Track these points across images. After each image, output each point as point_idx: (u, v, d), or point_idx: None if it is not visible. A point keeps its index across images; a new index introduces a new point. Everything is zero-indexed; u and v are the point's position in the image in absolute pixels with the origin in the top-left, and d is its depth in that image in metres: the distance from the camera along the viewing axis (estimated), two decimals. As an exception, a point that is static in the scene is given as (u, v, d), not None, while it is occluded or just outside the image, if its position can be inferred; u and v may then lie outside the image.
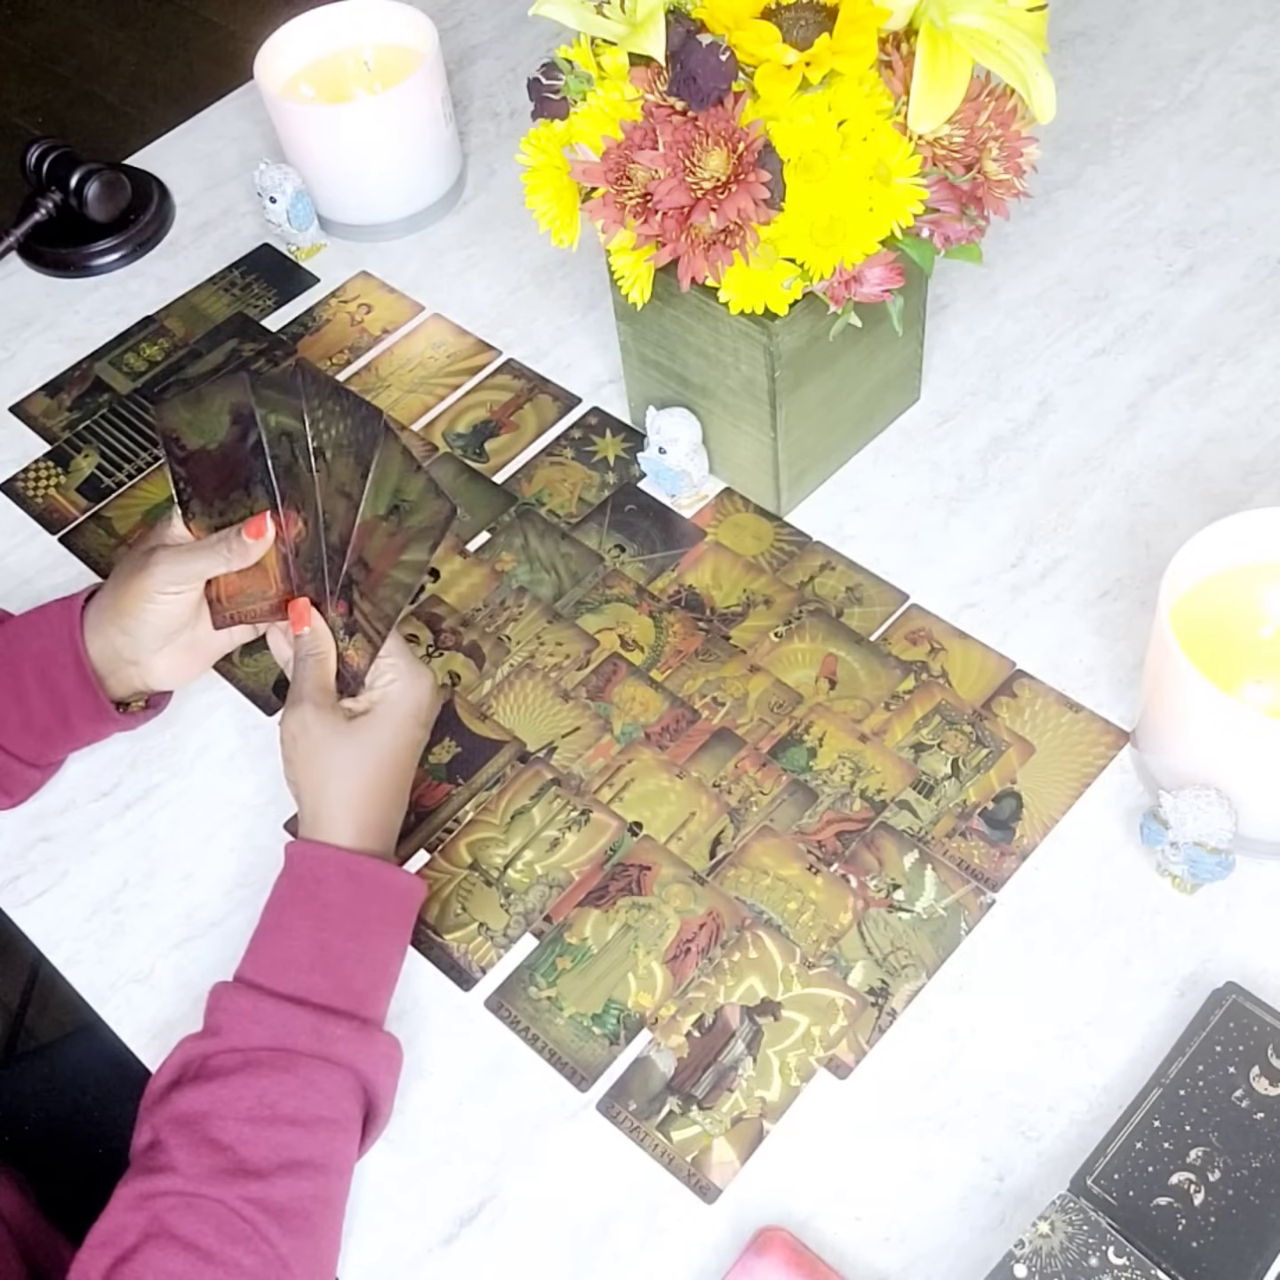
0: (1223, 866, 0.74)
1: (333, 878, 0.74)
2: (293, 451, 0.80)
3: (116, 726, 0.84)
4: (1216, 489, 0.93)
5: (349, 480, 0.78)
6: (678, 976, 0.77)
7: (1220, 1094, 0.69)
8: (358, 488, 0.78)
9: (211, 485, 0.82)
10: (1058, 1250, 0.65)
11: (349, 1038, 0.70)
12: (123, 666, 0.82)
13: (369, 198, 1.12)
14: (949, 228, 0.79)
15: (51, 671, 0.81)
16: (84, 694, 0.81)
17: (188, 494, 0.82)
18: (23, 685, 0.81)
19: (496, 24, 1.30)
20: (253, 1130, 0.67)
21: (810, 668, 0.88)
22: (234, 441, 0.81)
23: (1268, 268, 1.04)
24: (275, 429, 0.80)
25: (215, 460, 0.82)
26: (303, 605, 0.80)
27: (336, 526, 0.79)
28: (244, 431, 0.81)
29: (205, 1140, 0.66)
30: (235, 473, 0.81)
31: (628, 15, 0.77)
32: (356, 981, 0.72)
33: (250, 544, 0.80)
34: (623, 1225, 0.71)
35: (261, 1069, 0.68)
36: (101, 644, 0.81)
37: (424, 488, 0.76)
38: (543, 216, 0.82)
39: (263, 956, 0.73)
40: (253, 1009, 0.70)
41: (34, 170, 1.14)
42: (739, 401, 0.89)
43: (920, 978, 0.76)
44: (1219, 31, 1.19)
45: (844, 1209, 0.71)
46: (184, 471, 0.82)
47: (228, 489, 0.82)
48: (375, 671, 0.78)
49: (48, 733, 0.83)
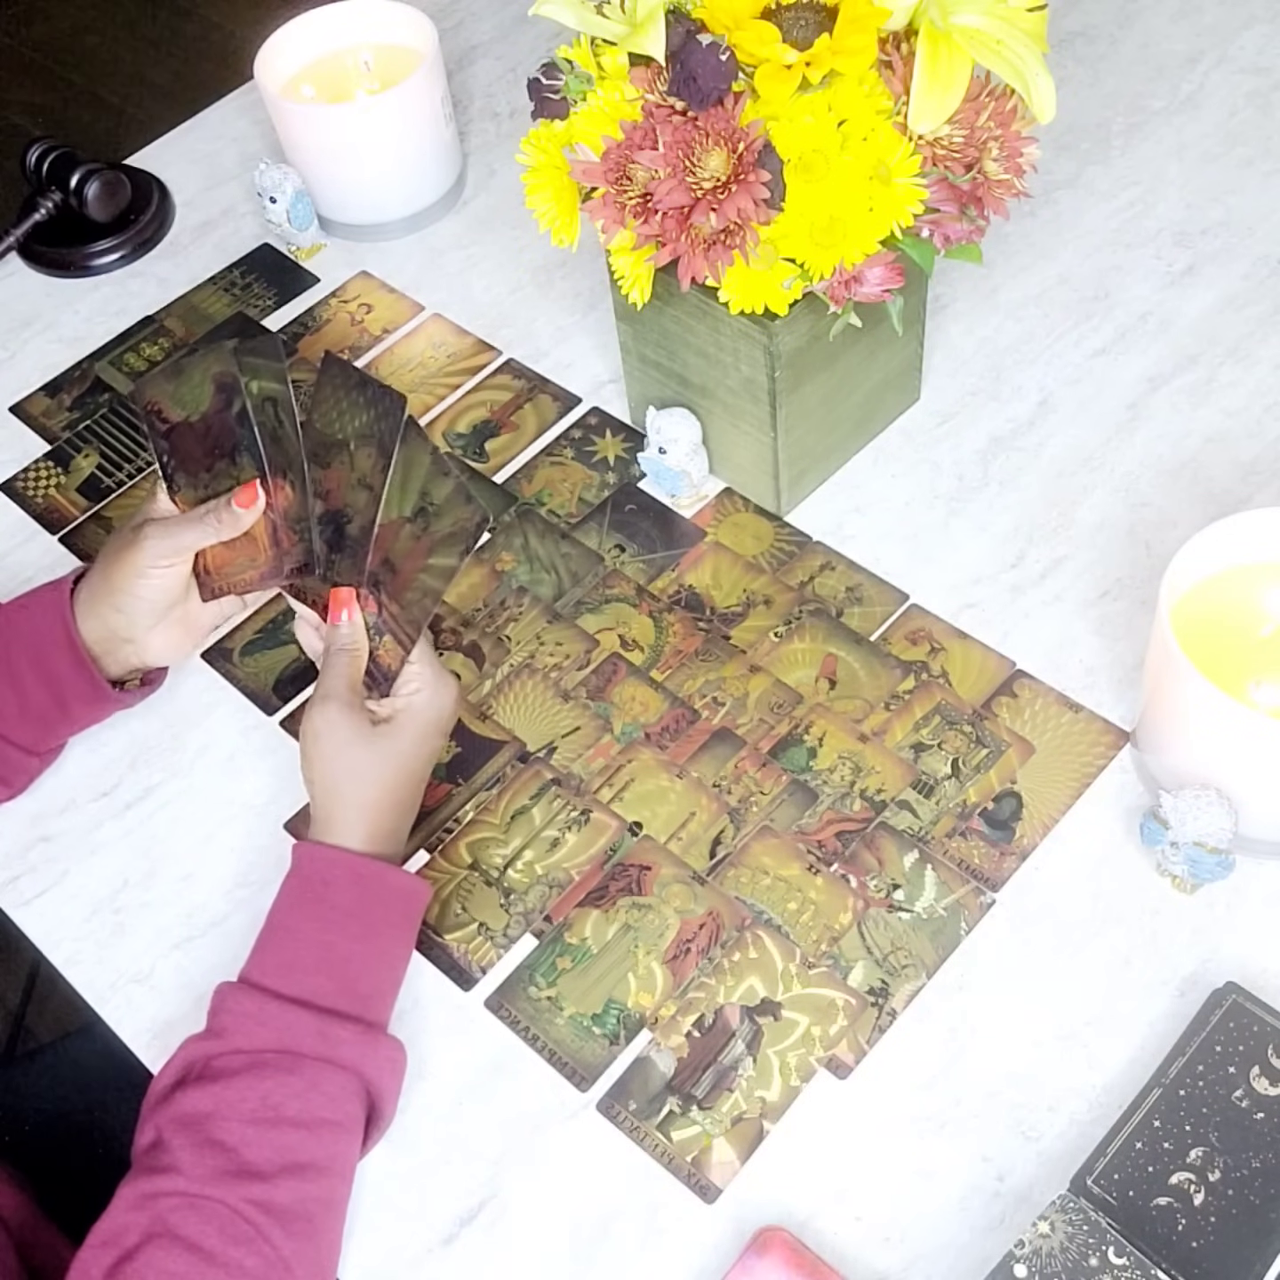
0: (1223, 866, 0.74)
1: (340, 880, 0.73)
2: (277, 416, 0.80)
3: (114, 706, 0.84)
4: (1216, 489, 0.93)
5: (369, 471, 0.78)
6: (678, 976, 0.77)
7: (1220, 1094, 0.69)
8: (379, 479, 0.77)
9: (196, 457, 0.82)
10: (1058, 1250, 0.65)
11: (353, 1040, 0.70)
12: (118, 645, 0.81)
13: (369, 198, 1.12)
14: (949, 228, 0.79)
15: (45, 655, 0.81)
16: (79, 675, 0.81)
17: (171, 467, 0.82)
18: (17, 670, 0.81)
19: (496, 24, 1.30)
20: (256, 1132, 0.67)
21: (810, 668, 0.88)
22: (217, 411, 0.81)
23: (1268, 268, 1.04)
24: (259, 395, 0.80)
25: (199, 432, 0.81)
26: (345, 594, 0.79)
27: (358, 519, 0.78)
28: (227, 400, 0.80)
29: (208, 1141, 0.66)
30: (220, 442, 0.81)
31: (628, 15, 0.77)
32: (362, 984, 0.72)
33: (240, 513, 0.79)
34: (623, 1225, 0.71)
35: (265, 1070, 0.68)
36: (95, 623, 0.81)
37: (453, 491, 0.75)
38: (543, 216, 0.82)
39: (268, 958, 0.73)
40: (257, 1011, 0.70)
41: (34, 170, 1.14)
42: (739, 401, 0.89)
43: (920, 978, 0.76)
44: (1219, 31, 1.19)
45: (844, 1209, 0.71)
46: (167, 445, 0.82)
47: (212, 459, 0.81)
48: (402, 679, 0.78)
49: (44, 717, 0.82)
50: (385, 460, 0.77)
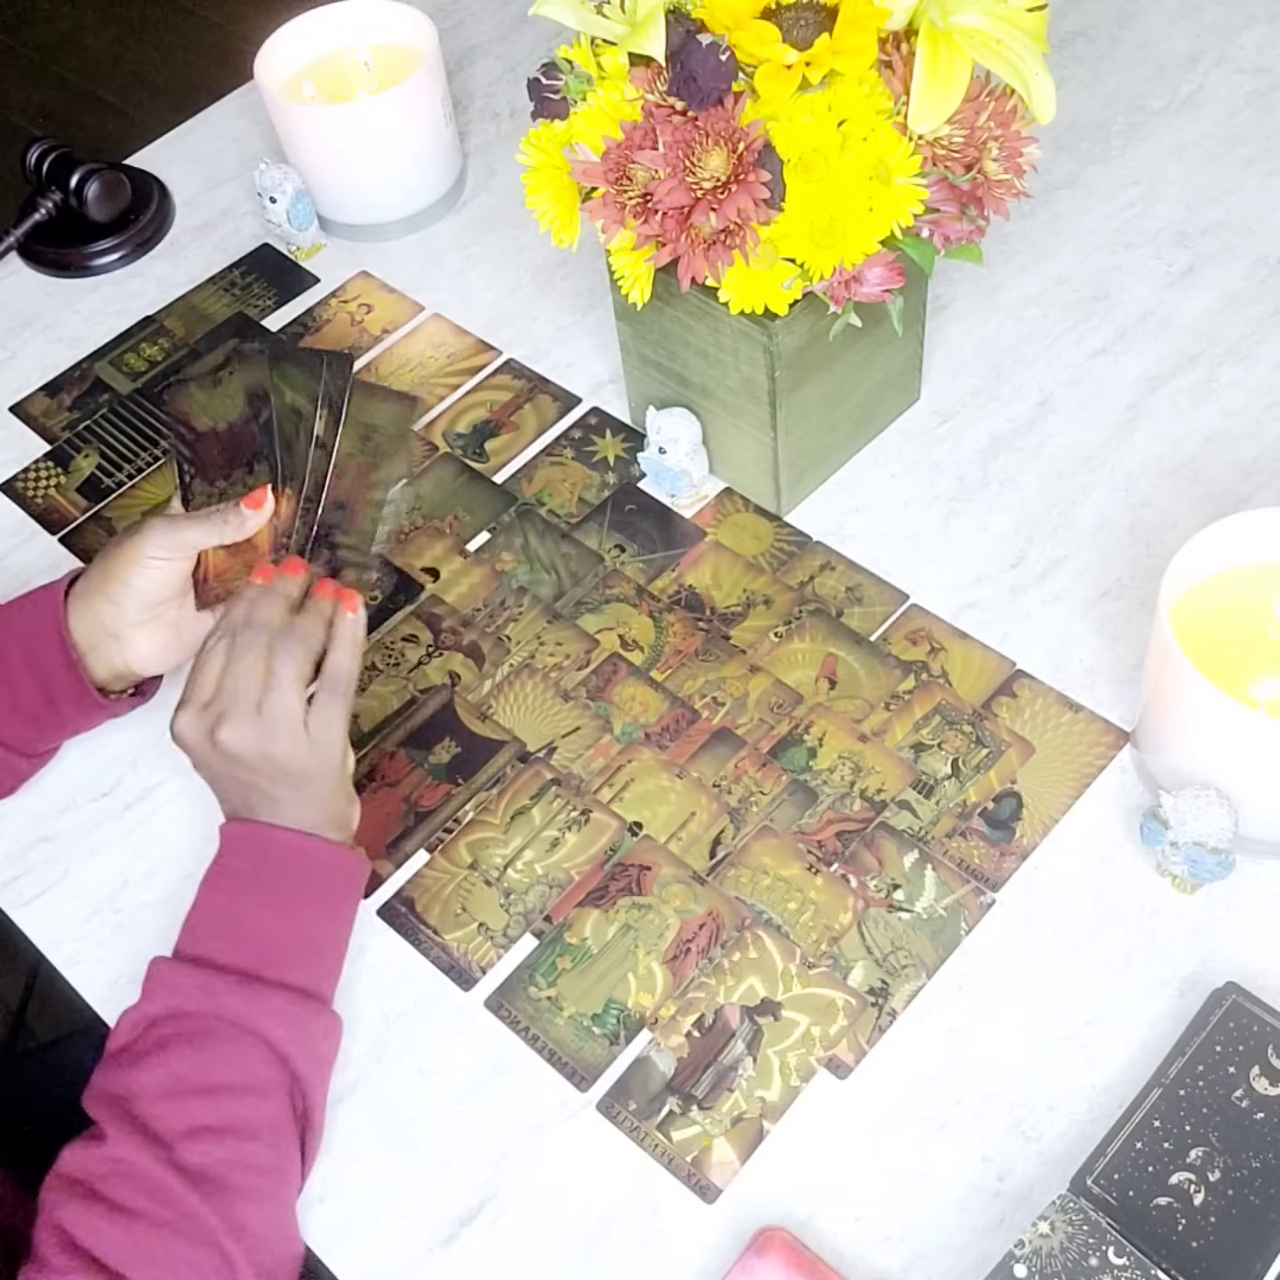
0: (1223, 866, 0.74)
1: (241, 849, 0.75)
2: (297, 430, 0.80)
3: (101, 713, 0.83)
4: (1216, 489, 0.93)
5: (324, 432, 0.80)
6: (678, 976, 0.77)
7: (1220, 1094, 0.69)
8: (332, 435, 0.80)
9: (216, 465, 0.82)
10: (1058, 1250, 0.65)
11: (238, 993, 0.71)
12: (104, 640, 0.81)
13: (369, 198, 1.12)
14: (949, 228, 0.79)
15: (36, 650, 0.80)
16: (68, 674, 0.80)
17: (190, 475, 0.83)
18: (9, 666, 0.81)
19: (496, 24, 1.30)
20: (163, 1106, 0.69)
21: (810, 668, 0.88)
22: (244, 421, 0.82)
23: (1268, 268, 1.04)
24: (289, 404, 0.81)
25: (223, 440, 0.82)
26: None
27: (314, 477, 0.80)
28: (256, 411, 0.81)
29: (125, 1115, 0.69)
30: (241, 450, 0.82)
31: (628, 15, 0.77)
32: (268, 944, 0.73)
33: (248, 515, 0.79)
34: (623, 1225, 0.71)
35: (168, 1045, 0.71)
36: (85, 615, 0.80)
37: (384, 400, 0.79)
38: (543, 216, 0.82)
39: (184, 925, 0.75)
40: (156, 973, 0.73)
41: (34, 170, 1.14)
42: (739, 401, 0.89)
43: (920, 978, 0.76)
44: (1219, 31, 1.19)
45: (844, 1209, 0.71)
46: (190, 454, 0.83)
47: (231, 468, 0.82)
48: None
49: (35, 717, 0.82)
50: (336, 417, 0.80)
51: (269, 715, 0.73)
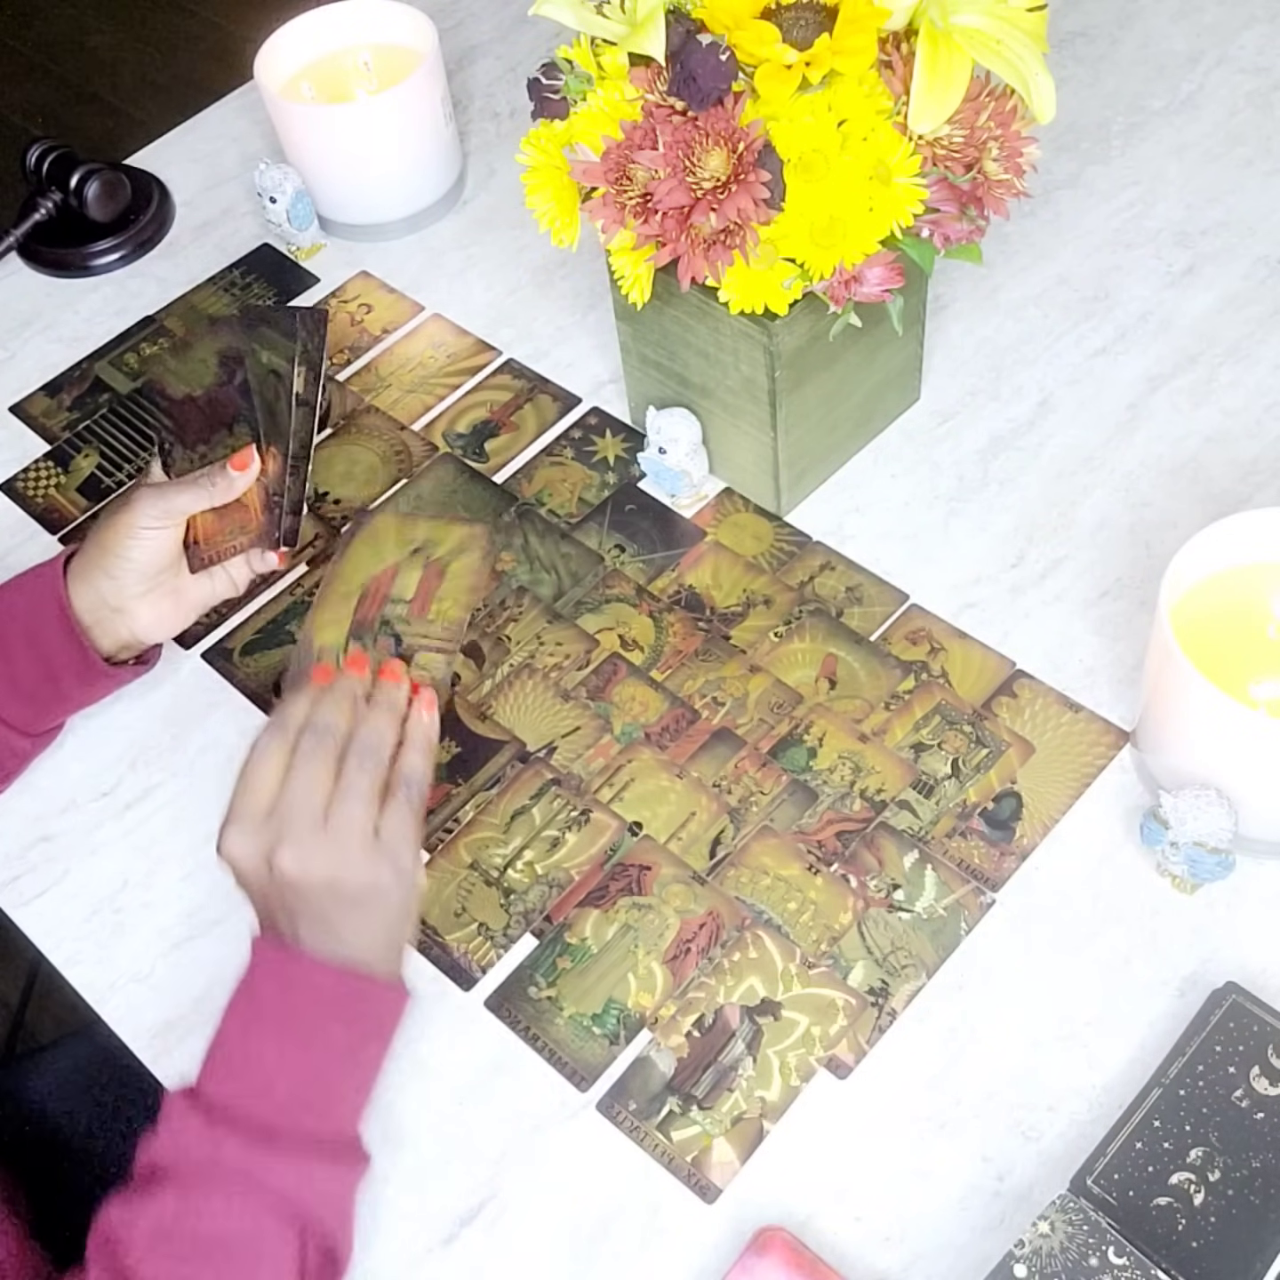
0: (1223, 866, 0.74)
1: (274, 979, 0.69)
2: (277, 390, 0.81)
3: (107, 682, 0.83)
4: (1216, 489, 0.93)
5: (304, 389, 0.81)
6: (678, 976, 0.77)
7: (1220, 1094, 0.69)
8: (313, 392, 0.81)
9: (195, 430, 0.83)
10: (1058, 1250, 0.65)
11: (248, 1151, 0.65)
12: (108, 615, 0.81)
13: (369, 198, 1.12)
14: (949, 228, 0.79)
15: (37, 627, 0.80)
16: (70, 648, 0.80)
17: (170, 443, 0.83)
18: (9, 644, 0.81)
19: (496, 24, 1.30)
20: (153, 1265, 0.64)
21: (810, 668, 0.88)
22: (220, 385, 0.82)
23: (1268, 268, 1.04)
24: (265, 365, 0.81)
25: (200, 406, 0.83)
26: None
27: (299, 436, 0.80)
28: (231, 374, 0.82)
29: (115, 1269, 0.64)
30: (220, 414, 0.82)
31: (628, 15, 0.77)
32: (292, 1090, 0.67)
33: (235, 476, 0.79)
34: (623, 1225, 0.71)
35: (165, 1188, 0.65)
36: (86, 590, 0.80)
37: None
38: (543, 216, 0.82)
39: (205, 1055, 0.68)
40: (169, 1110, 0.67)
41: (34, 170, 1.14)
42: (739, 401, 0.89)
43: (920, 978, 0.76)
44: (1219, 31, 1.19)
45: (844, 1209, 0.71)
46: (169, 421, 0.83)
47: (210, 432, 0.82)
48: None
49: (36, 694, 0.82)
50: (316, 374, 0.81)
51: (336, 829, 0.66)
